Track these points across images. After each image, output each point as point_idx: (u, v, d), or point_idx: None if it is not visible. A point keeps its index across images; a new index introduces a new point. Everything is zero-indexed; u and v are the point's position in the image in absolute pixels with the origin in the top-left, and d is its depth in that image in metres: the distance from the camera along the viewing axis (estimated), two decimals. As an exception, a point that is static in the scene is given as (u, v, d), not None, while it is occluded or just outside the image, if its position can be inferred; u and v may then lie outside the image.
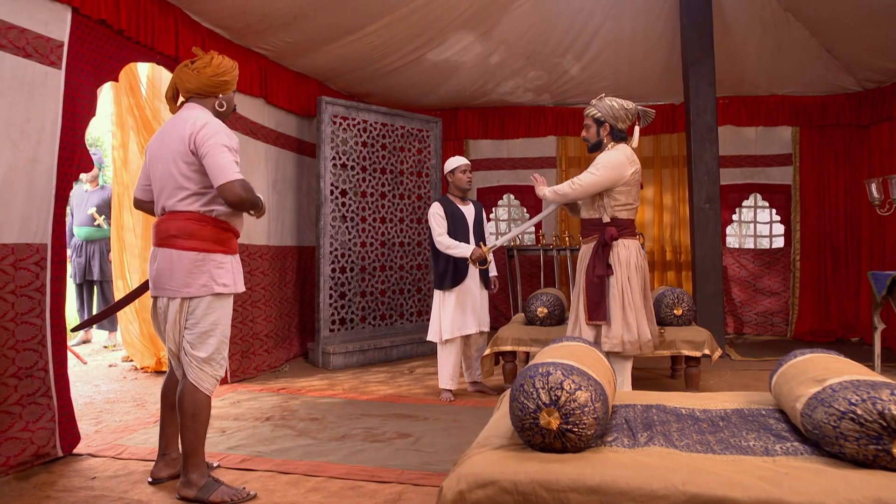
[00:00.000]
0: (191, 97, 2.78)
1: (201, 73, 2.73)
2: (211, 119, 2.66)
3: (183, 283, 2.60)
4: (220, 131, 2.62)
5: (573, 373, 1.82)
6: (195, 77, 2.73)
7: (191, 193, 2.63)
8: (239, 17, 4.56)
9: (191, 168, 2.62)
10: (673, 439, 1.91)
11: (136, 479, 2.86)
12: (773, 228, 7.17)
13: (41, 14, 3.06)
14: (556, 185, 3.72)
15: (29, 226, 3.01)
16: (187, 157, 2.61)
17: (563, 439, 1.76)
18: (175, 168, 2.63)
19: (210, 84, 2.74)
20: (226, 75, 2.78)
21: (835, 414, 1.68)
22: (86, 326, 4.08)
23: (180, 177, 2.63)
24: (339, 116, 5.71)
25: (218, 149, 2.56)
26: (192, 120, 2.62)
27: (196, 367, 2.64)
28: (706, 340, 4.20)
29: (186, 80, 2.74)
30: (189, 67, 2.75)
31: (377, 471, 2.95)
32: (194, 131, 2.59)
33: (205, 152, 2.56)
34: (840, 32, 5.72)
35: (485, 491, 1.65)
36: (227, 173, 2.54)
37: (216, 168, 2.55)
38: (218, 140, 2.57)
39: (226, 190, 2.54)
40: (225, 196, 2.56)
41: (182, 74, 2.75)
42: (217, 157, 2.54)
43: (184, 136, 2.60)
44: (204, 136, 2.57)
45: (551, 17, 5.91)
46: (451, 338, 4.35)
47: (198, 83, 2.73)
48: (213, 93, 2.77)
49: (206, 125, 2.60)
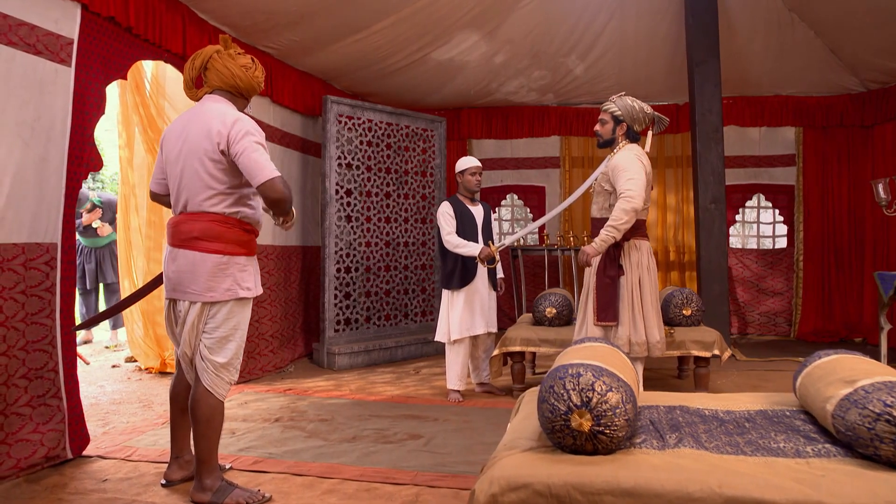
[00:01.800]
0: (220, 89, 2.67)
1: (252, 74, 2.68)
2: (240, 115, 2.57)
3: (206, 286, 2.52)
4: (252, 128, 2.53)
5: (603, 374, 1.80)
6: (245, 75, 2.65)
7: (217, 193, 2.54)
8: (246, 16, 4.53)
9: (218, 167, 2.52)
10: (702, 441, 1.89)
11: (148, 482, 2.83)
12: (776, 229, 7.18)
13: (51, 11, 3.02)
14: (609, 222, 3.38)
15: (39, 225, 2.97)
16: (215, 155, 2.51)
17: (595, 441, 1.75)
18: (201, 166, 2.52)
19: (255, 86, 2.71)
20: (262, 80, 2.76)
21: (870, 416, 1.67)
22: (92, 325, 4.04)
23: (207, 176, 2.53)
24: (344, 116, 5.68)
25: (253, 147, 2.47)
26: (221, 116, 2.52)
27: (212, 373, 2.57)
28: (716, 341, 4.19)
29: (234, 73, 2.63)
30: (234, 61, 2.64)
31: (391, 472, 2.93)
32: (224, 129, 2.49)
33: (239, 150, 2.46)
34: (844, 33, 5.73)
35: (518, 494, 1.63)
36: (266, 171, 2.45)
37: (255, 166, 2.45)
38: (252, 138, 2.49)
39: (267, 188, 2.44)
40: (266, 194, 2.46)
41: (228, 65, 2.63)
42: (253, 154, 2.45)
43: (211, 132, 2.50)
44: (236, 134, 2.47)
45: (556, 16, 5.89)
46: (459, 338, 4.33)
47: (246, 82, 2.67)
48: (249, 95, 2.73)
49: (237, 122, 2.51)
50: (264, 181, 2.45)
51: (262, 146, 2.52)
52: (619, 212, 3.36)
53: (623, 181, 3.39)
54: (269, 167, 2.47)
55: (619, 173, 3.43)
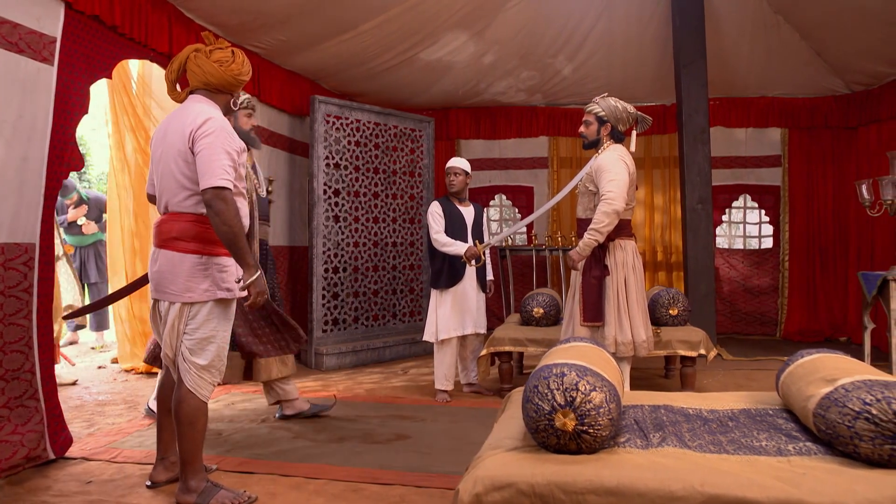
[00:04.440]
0: (199, 88, 2.62)
1: (227, 69, 2.58)
2: (216, 115, 2.51)
3: (185, 287, 2.49)
4: (222, 131, 2.46)
5: (587, 374, 1.81)
6: (218, 71, 2.57)
7: (194, 193, 2.50)
8: (233, 15, 4.51)
9: (191, 167, 2.48)
10: (685, 440, 1.90)
11: (133, 483, 2.81)
12: (762, 229, 7.24)
13: (34, 9, 2.99)
14: (591, 225, 3.42)
15: (18, 225, 2.93)
16: (188, 156, 2.47)
17: (579, 440, 1.75)
18: (175, 166, 2.50)
19: (232, 82, 2.62)
20: (246, 74, 2.67)
21: (849, 414, 1.69)
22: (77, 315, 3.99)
23: (181, 176, 2.50)
24: (332, 115, 5.67)
25: (212, 148, 2.40)
26: (195, 116, 2.47)
27: (195, 374, 2.54)
28: (702, 340, 4.22)
29: (206, 71, 2.57)
30: (209, 58, 2.58)
31: (378, 473, 2.93)
32: (194, 128, 2.44)
33: (198, 149, 2.41)
34: (829, 35, 5.78)
35: (501, 493, 1.64)
36: (215, 176, 2.37)
37: (204, 168, 2.38)
38: (216, 140, 2.42)
39: (209, 196, 2.38)
40: (208, 203, 2.39)
41: (201, 64, 2.57)
42: (209, 155, 2.39)
43: (184, 132, 2.46)
44: (202, 133, 2.42)
45: (544, 17, 5.91)
46: (447, 338, 4.34)
47: (220, 78, 2.58)
48: (227, 90, 2.64)
49: (207, 121, 2.44)
50: (206, 187, 2.38)
51: (227, 152, 2.44)
52: (600, 214, 3.40)
53: (604, 183, 3.43)
54: (220, 174, 2.39)
55: (601, 174, 3.46)
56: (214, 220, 2.40)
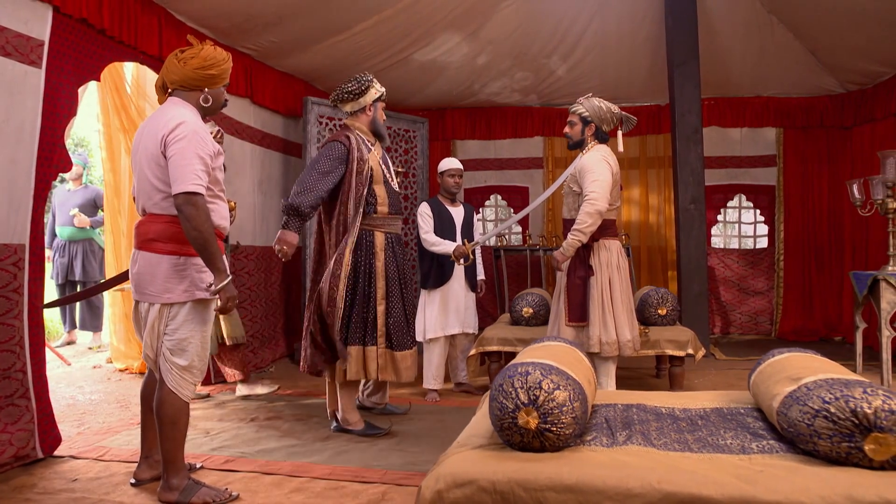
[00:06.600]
0: (175, 90, 2.63)
1: (187, 64, 2.56)
2: (189, 118, 2.51)
3: (163, 287, 2.51)
4: (194, 135, 2.45)
5: (552, 372, 1.83)
6: (180, 68, 2.56)
7: (168, 195, 2.50)
8: (224, 17, 4.54)
9: (164, 171, 2.48)
10: (651, 438, 1.92)
11: (118, 481, 2.84)
12: (757, 229, 7.23)
13: (21, 12, 3.03)
14: (574, 226, 3.45)
15: (7, 226, 2.97)
16: (160, 160, 2.48)
17: (542, 438, 1.77)
18: (149, 170, 2.52)
19: (195, 77, 2.58)
20: (213, 68, 2.60)
21: (809, 412, 1.70)
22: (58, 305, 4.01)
23: (154, 179, 2.51)
24: (325, 117, 5.70)
25: (183, 153, 2.40)
26: (168, 118, 2.48)
27: (176, 374, 2.56)
28: (690, 340, 4.23)
29: (172, 70, 2.59)
30: (176, 57, 2.59)
31: (361, 471, 2.95)
32: (166, 131, 2.44)
33: (170, 154, 2.42)
34: (823, 35, 5.78)
35: (463, 490, 1.66)
36: (187, 181, 2.38)
37: (176, 173, 2.39)
38: (188, 144, 2.41)
39: (180, 201, 2.38)
40: (179, 208, 2.39)
41: (169, 65, 2.60)
42: (180, 160, 2.39)
43: (158, 136, 2.47)
44: (173, 137, 2.42)
45: (538, 18, 5.93)
46: (434, 337, 4.36)
47: (182, 75, 2.57)
48: (198, 86, 2.61)
49: (179, 126, 2.44)
50: (177, 192, 2.39)
51: (200, 157, 2.44)
52: (583, 215, 3.42)
53: (587, 183, 3.45)
54: (192, 178, 2.40)
55: (584, 175, 3.48)
56: (185, 224, 2.41)
